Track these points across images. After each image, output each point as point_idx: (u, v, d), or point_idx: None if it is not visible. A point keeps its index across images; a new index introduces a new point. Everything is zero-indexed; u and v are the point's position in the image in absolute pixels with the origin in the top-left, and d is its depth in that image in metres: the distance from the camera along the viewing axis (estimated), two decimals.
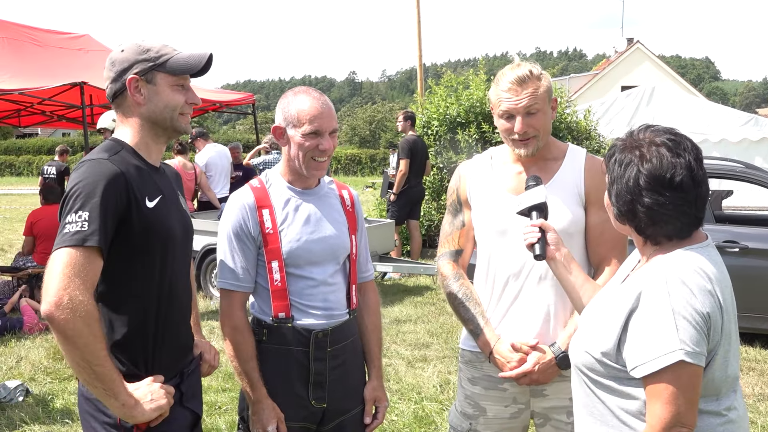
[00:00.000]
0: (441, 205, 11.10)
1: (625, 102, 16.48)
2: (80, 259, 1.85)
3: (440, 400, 5.00)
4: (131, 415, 1.93)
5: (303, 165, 2.39)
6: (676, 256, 1.78)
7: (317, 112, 2.35)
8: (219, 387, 5.27)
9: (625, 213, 1.83)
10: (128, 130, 2.14)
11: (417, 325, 7.03)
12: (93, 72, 8.52)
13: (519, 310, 2.45)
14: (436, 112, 11.01)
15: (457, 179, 2.67)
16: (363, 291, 2.66)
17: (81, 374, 1.88)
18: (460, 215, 2.64)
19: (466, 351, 2.62)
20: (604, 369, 1.81)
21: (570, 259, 2.23)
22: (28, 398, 5.06)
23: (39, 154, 45.91)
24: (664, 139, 1.79)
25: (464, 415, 2.59)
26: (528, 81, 2.36)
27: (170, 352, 2.16)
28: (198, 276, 8.17)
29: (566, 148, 2.55)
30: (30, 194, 24.55)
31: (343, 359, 2.48)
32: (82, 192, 1.92)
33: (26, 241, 8.23)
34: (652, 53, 35.07)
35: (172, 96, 2.12)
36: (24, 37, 9.21)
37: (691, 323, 1.66)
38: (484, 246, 2.55)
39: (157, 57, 2.10)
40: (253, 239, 2.39)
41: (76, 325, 1.81)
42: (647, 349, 1.68)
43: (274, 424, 2.35)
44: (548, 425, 2.49)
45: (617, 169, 1.83)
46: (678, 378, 1.66)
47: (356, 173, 43.10)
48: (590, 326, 1.89)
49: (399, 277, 9.29)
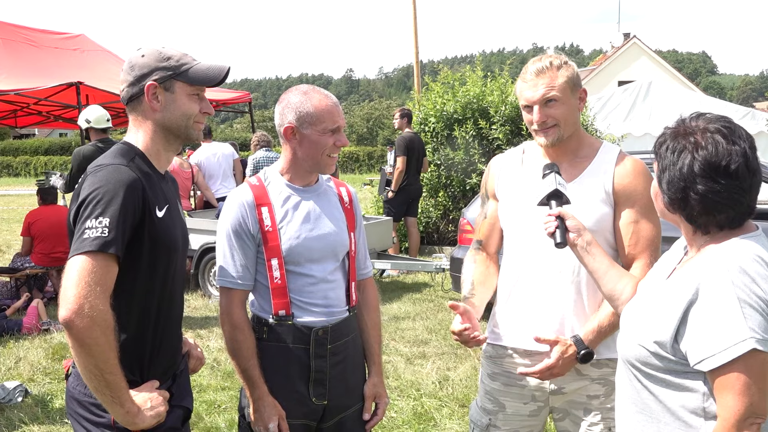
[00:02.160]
0: (438, 202, 11.11)
1: (621, 97, 16.48)
2: (100, 266, 1.85)
3: (439, 396, 5.01)
4: (133, 422, 1.94)
5: (321, 162, 2.41)
6: (732, 245, 1.73)
7: (333, 109, 2.39)
8: (218, 386, 5.27)
9: (677, 201, 1.77)
10: (141, 136, 2.14)
11: (415, 322, 7.03)
12: (89, 72, 8.52)
13: (540, 304, 2.44)
14: (433, 109, 11.00)
15: (487, 172, 2.71)
16: (362, 288, 2.66)
17: (91, 381, 1.88)
18: (486, 207, 2.69)
19: (488, 346, 2.62)
20: (661, 362, 1.76)
21: (593, 245, 2.18)
22: (27, 399, 5.05)
23: (36, 154, 45.85)
24: (718, 126, 1.74)
25: (484, 411, 2.60)
26: (545, 71, 2.36)
27: (165, 358, 2.17)
28: (196, 275, 8.19)
29: (599, 145, 2.52)
30: (27, 195, 24.51)
31: (343, 356, 2.48)
32: (102, 198, 1.91)
33: (24, 241, 8.23)
34: (648, 48, 35.12)
35: (188, 105, 2.13)
36: (19, 38, 9.20)
37: (757, 310, 1.61)
38: (509, 239, 2.57)
39: (178, 66, 2.10)
40: (252, 237, 2.39)
41: (94, 334, 1.81)
42: (715, 341, 1.63)
43: (276, 422, 2.35)
44: (567, 419, 2.50)
45: (670, 156, 1.78)
46: (750, 367, 1.61)
47: (354, 171, 43.11)
48: (642, 320, 1.84)
49: (397, 274, 9.30)
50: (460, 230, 7.18)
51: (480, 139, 10.45)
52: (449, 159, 10.69)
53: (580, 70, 22.48)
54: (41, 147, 47.19)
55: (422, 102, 11.56)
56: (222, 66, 2.17)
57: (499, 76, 11.21)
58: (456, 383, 5.25)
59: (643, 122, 15.49)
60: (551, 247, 2.25)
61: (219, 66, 2.17)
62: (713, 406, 1.70)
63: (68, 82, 8.15)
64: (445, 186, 10.99)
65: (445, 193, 10.99)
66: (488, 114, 10.51)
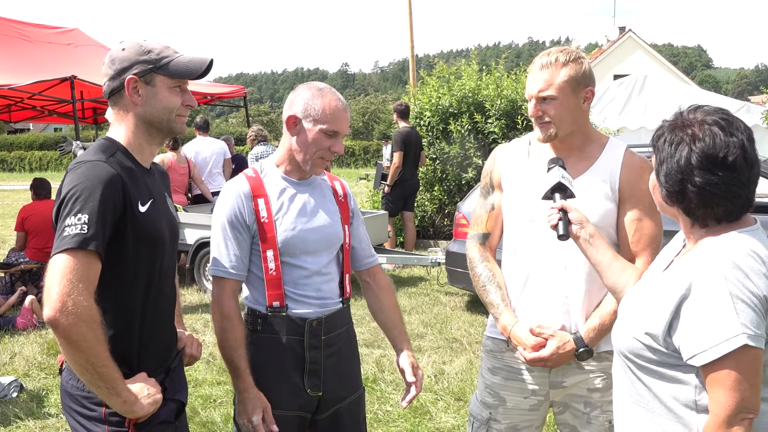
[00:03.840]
0: (434, 196, 11.10)
1: (617, 91, 16.49)
2: (82, 262, 1.84)
3: (434, 390, 5.01)
4: (131, 410, 1.95)
5: (310, 160, 2.40)
6: (726, 240, 1.72)
7: (342, 114, 2.39)
8: (214, 380, 5.27)
9: (675, 193, 1.76)
10: (123, 130, 2.12)
11: (411, 316, 7.04)
12: (83, 66, 8.47)
13: (543, 299, 2.43)
14: (428, 103, 10.98)
15: (491, 161, 2.64)
16: (372, 275, 2.69)
17: (84, 376, 1.88)
18: (491, 198, 2.62)
19: (488, 340, 2.62)
20: (654, 354, 1.76)
21: (596, 237, 2.17)
22: (23, 394, 5.05)
23: (31, 149, 45.74)
24: (716, 118, 1.73)
25: (484, 405, 2.59)
26: (548, 67, 2.34)
27: (155, 352, 2.16)
28: (191, 269, 8.17)
29: (606, 141, 2.50)
30: (22, 190, 24.45)
31: (337, 347, 2.49)
32: (81, 195, 1.90)
33: (18, 236, 8.21)
34: (644, 42, 35.12)
35: (169, 98, 2.11)
36: (13, 32, 9.13)
37: (749, 306, 1.61)
38: (511, 232, 2.53)
39: (158, 59, 2.08)
40: (247, 228, 2.40)
41: (81, 330, 1.80)
42: (707, 336, 1.63)
43: (260, 414, 2.34)
44: (567, 412, 2.50)
45: (667, 148, 1.77)
46: (741, 363, 1.60)
47: (350, 165, 43.09)
48: (637, 312, 1.84)
49: (393, 269, 9.30)
50: (456, 224, 7.19)
51: (475, 133, 10.44)
52: (445, 153, 10.68)
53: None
54: (36, 142, 47.04)
55: (418, 96, 11.53)
56: (204, 58, 2.14)
57: (495, 70, 11.19)
58: (451, 377, 5.25)
59: (638, 116, 15.51)
60: (554, 242, 2.25)
61: (201, 58, 2.13)
62: (705, 399, 1.70)
63: (62, 77, 8.11)
64: (441, 180, 10.98)
65: (441, 187, 10.98)
66: (484, 108, 10.50)
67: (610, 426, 2.41)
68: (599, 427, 2.44)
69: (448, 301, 7.69)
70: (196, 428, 4.41)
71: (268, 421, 2.35)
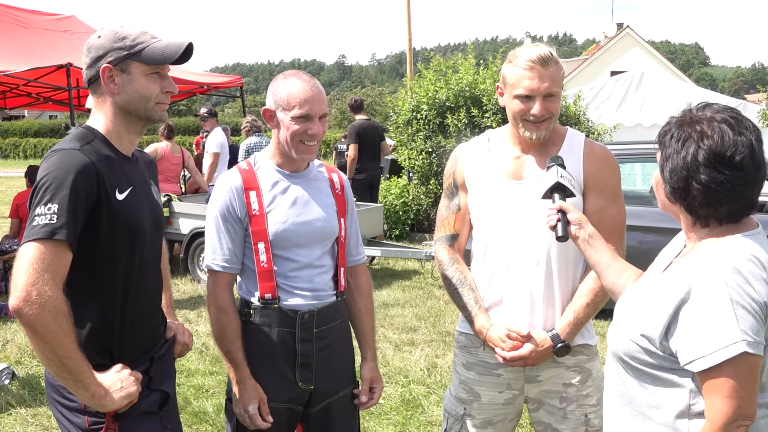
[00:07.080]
0: (429, 189, 11.11)
1: (614, 87, 16.47)
2: (49, 252, 1.82)
3: (427, 383, 5.03)
4: (101, 404, 1.92)
5: (292, 148, 2.39)
6: (727, 243, 1.70)
7: (307, 95, 2.34)
8: (206, 370, 5.27)
9: (679, 190, 1.73)
10: (101, 118, 2.11)
11: (405, 309, 7.05)
12: (79, 54, 8.34)
13: (514, 296, 2.42)
14: (425, 96, 10.98)
15: (453, 162, 2.61)
16: (354, 274, 2.66)
17: (50, 367, 1.87)
18: (456, 199, 2.59)
19: (461, 336, 2.61)
20: (650, 357, 1.74)
21: (596, 237, 2.15)
22: (15, 381, 5.05)
23: (25, 136, 45.52)
24: (725, 116, 1.71)
25: (459, 400, 2.58)
26: (550, 62, 2.30)
27: (138, 341, 2.14)
28: (185, 259, 8.17)
29: (565, 132, 2.49)
30: (16, 177, 24.36)
31: (329, 341, 2.48)
32: (51, 183, 1.87)
33: (12, 223, 8.18)
34: (641, 38, 35.14)
35: (146, 86, 2.07)
36: (9, 18, 9.08)
37: (750, 312, 1.58)
38: (479, 231, 2.51)
39: (133, 46, 2.04)
40: (239, 221, 2.40)
41: (45, 320, 1.79)
42: (705, 342, 1.60)
43: (256, 405, 2.36)
44: (542, 410, 2.50)
45: (674, 144, 1.74)
46: (739, 370, 1.58)
47: None
48: (634, 314, 1.81)
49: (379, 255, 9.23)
50: None
51: (472, 127, 10.43)
52: (441, 147, 10.68)
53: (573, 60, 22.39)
54: (30, 129, 46.84)
55: (415, 89, 11.52)
56: (180, 42, 2.09)
57: (492, 65, 11.19)
58: (444, 370, 5.27)
59: (635, 112, 15.50)
60: (525, 238, 2.25)
61: (177, 43, 2.09)
62: (700, 404, 1.68)
63: (58, 64, 8.07)
64: (437, 174, 10.98)
65: (437, 181, 10.98)
66: (481, 102, 10.50)
67: (586, 420, 2.42)
68: (576, 422, 2.44)
69: (442, 295, 7.70)
70: (188, 418, 4.42)
71: (263, 412, 2.36)
